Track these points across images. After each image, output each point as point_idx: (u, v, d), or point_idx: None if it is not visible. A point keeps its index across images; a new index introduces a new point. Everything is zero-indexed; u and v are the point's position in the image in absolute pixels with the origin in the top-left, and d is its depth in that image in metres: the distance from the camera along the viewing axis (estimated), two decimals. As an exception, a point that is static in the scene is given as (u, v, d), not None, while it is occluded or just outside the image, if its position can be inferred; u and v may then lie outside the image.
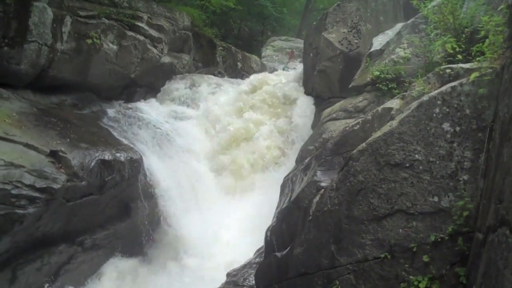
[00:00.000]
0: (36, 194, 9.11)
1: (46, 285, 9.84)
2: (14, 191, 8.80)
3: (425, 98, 5.96)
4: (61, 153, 10.11)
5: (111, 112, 14.57)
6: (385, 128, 6.17)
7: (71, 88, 13.90)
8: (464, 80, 5.81)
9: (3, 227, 8.67)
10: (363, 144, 6.28)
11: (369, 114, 8.62)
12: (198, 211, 13.37)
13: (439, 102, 5.78)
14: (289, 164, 13.50)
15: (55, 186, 9.48)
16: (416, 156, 5.77)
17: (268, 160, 15.14)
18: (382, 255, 5.73)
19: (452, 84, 5.88)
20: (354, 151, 6.37)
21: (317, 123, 13.04)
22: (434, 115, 5.78)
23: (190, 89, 17.75)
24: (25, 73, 11.98)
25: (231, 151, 15.61)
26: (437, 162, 5.68)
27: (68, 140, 10.83)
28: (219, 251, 12.04)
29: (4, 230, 8.70)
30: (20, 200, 8.86)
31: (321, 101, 14.72)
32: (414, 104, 6.01)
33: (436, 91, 5.97)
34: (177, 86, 17.78)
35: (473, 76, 5.68)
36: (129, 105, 15.74)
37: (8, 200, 8.71)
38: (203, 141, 15.99)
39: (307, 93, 16.00)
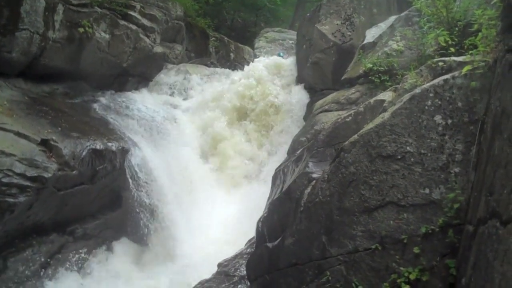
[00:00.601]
0: (27, 183, 9.06)
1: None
2: (4, 180, 8.74)
3: (417, 90, 5.98)
4: (52, 142, 10.06)
5: (102, 101, 14.50)
6: (377, 120, 6.19)
7: (63, 77, 13.80)
8: (456, 73, 5.83)
9: (-7, 216, 8.64)
10: (355, 136, 6.30)
11: (361, 106, 8.64)
12: (190, 200, 13.37)
13: (431, 95, 5.80)
14: (281, 155, 13.54)
15: (46, 175, 9.43)
16: (408, 148, 5.80)
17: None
18: (373, 247, 5.77)
19: (445, 77, 5.90)
20: (346, 142, 6.39)
21: (309, 115, 13.05)
22: (426, 107, 5.80)
23: (182, 79, 17.70)
24: (16, 61, 11.87)
25: (222, 142, 15.62)
26: (429, 155, 5.70)
27: (60, 129, 10.77)
28: (211, 240, 12.08)
29: (-6, 219, 8.67)
30: (10, 188, 8.80)
31: (313, 93, 14.73)
32: (407, 97, 6.03)
33: (428, 84, 5.99)
34: (169, 76, 17.72)
35: (465, 69, 5.70)
36: (121, 95, 15.66)
37: (-1, 189, 8.67)
38: (195, 132, 15.98)
39: (300, 83, 16.00)
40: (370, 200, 5.93)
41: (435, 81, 5.95)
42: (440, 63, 6.69)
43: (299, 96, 15.56)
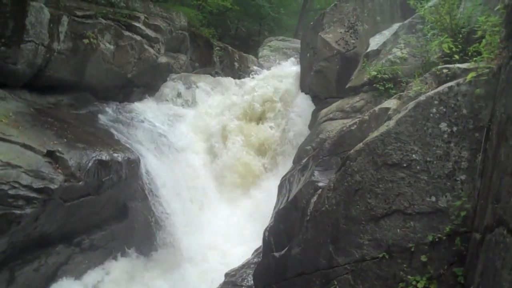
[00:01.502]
0: (33, 195, 9.08)
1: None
2: (11, 192, 8.76)
3: (422, 98, 5.98)
4: (58, 153, 10.08)
5: (108, 112, 14.55)
6: (382, 128, 6.18)
7: (68, 88, 13.86)
8: (461, 80, 5.82)
9: (0, 227, 8.64)
10: (360, 144, 6.29)
11: (366, 114, 8.63)
12: (195, 209, 13.38)
13: (436, 102, 5.79)
14: (287, 164, 13.53)
15: (52, 186, 9.45)
16: (413, 156, 5.79)
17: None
18: (380, 255, 5.75)
19: (449, 84, 5.90)
20: (352, 151, 6.39)
21: (314, 123, 13.05)
22: (431, 115, 5.79)
23: (187, 89, 17.73)
24: (22, 73, 11.95)
25: (229, 150, 15.64)
26: (434, 162, 5.69)
27: (65, 140, 10.80)
28: (218, 251, 12.07)
29: (1, 231, 8.66)
30: (17, 200, 8.82)
31: (318, 101, 14.73)
32: (411, 104, 6.03)
33: (433, 91, 5.98)
34: (174, 86, 17.75)
35: (470, 76, 5.69)
36: (126, 105, 15.71)
37: (5, 201, 8.67)
38: (200, 141, 16.00)
39: (304, 92, 15.99)
40: (377, 209, 5.91)
41: (440, 88, 5.95)
42: (445, 70, 6.69)
43: (303, 105, 15.57)
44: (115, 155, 11.37)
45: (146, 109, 15.92)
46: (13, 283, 9.20)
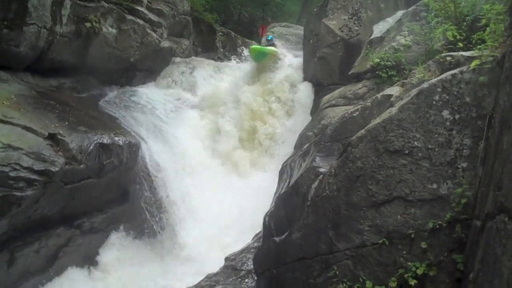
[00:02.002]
0: (34, 177, 9.09)
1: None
2: (12, 174, 8.77)
3: (425, 85, 5.96)
4: (59, 136, 10.09)
5: (110, 95, 14.59)
6: (385, 115, 6.17)
7: (70, 71, 13.85)
8: (464, 68, 5.80)
9: (1, 209, 8.66)
10: (362, 131, 6.28)
11: (368, 101, 8.61)
12: (197, 193, 13.41)
13: (439, 90, 5.77)
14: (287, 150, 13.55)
15: (53, 169, 9.46)
16: (415, 143, 5.78)
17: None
18: (380, 241, 5.76)
19: (453, 71, 5.88)
20: (353, 137, 6.38)
21: (316, 110, 13.04)
22: (434, 102, 5.77)
23: (189, 74, 17.70)
24: (24, 56, 11.90)
25: (229, 135, 15.65)
26: (436, 150, 5.68)
27: (67, 123, 10.80)
28: (217, 235, 12.12)
29: (2, 212, 8.69)
30: (18, 182, 8.83)
31: (320, 88, 14.71)
32: (414, 91, 6.01)
33: (436, 79, 5.96)
34: (176, 71, 17.72)
35: (473, 64, 5.67)
36: (128, 89, 15.75)
37: (6, 183, 8.68)
38: (202, 125, 16.00)
39: (307, 79, 15.97)
40: (378, 195, 5.91)
41: (443, 76, 5.93)
42: (448, 58, 6.66)
43: (305, 92, 15.55)
44: (116, 138, 11.39)
45: (148, 93, 15.93)
46: (14, 264, 9.25)
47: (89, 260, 10.96)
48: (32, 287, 9.60)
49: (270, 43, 18.50)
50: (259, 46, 18.45)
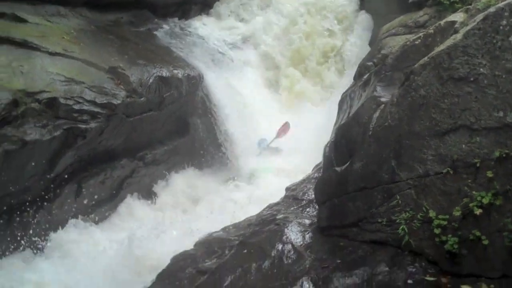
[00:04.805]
0: (97, 110, 9.30)
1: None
2: (76, 107, 8.98)
3: (491, 10, 5.64)
4: (120, 70, 10.21)
5: (167, 29, 14.55)
6: (449, 42, 5.91)
7: (127, 6, 13.89)
8: (535, -10, 5.45)
9: (67, 141, 8.93)
10: (425, 58, 6.05)
11: (431, 28, 8.29)
12: (255, 125, 13.47)
13: (506, 14, 5.45)
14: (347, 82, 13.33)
15: (115, 101, 9.64)
16: (481, 70, 5.52)
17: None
18: (444, 171, 5.62)
19: (522, -6, 5.53)
20: (416, 65, 6.16)
21: (375, 40, 12.73)
22: (501, 27, 5.46)
23: (244, 5, 17.39)
24: (82, -9, 11.99)
25: (287, 66, 15.49)
26: (503, 76, 5.42)
27: (126, 57, 10.92)
28: (277, 167, 12.20)
29: (68, 144, 8.97)
30: (82, 115, 9.06)
31: (379, 18, 14.30)
32: (480, 17, 5.70)
33: (503, 3, 5.62)
34: (232, 2, 17.45)
35: (545, -16, 5.32)
36: (185, 22, 15.67)
37: (71, 115, 8.92)
38: (258, 57, 15.87)
39: (365, 10, 15.55)
40: (441, 124, 5.74)
41: (512, -1, 5.60)
42: (517, -20, 6.27)
43: (364, 22, 15.19)
44: (175, 71, 11.45)
45: (205, 26, 15.83)
46: (81, 195, 9.60)
47: (151, 191, 11.27)
48: (99, 215, 9.99)
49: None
50: None
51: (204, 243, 7.56)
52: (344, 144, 7.36)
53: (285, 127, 12.72)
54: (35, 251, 8.70)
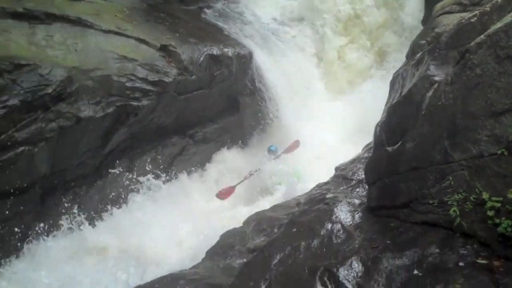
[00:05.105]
0: (149, 87, 9.44)
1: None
2: (128, 84, 9.13)
3: (552, -15, 5.45)
4: (171, 48, 10.29)
5: (216, 7, 14.54)
6: (506, 19, 5.72)
7: (177, -16, 13.93)
8: None
9: (119, 118, 9.11)
10: (482, 36, 5.88)
11: (487, 6, 8.04)
12: (304, 104, 13.39)
13: None
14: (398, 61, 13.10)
15: (167, 79, 9.75)
16: (540, 48, 5.36)
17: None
18: (499, 152, 5.48)
19: None
20: (472, 43, 5.99)
21: (428, 18, 12.45)
22: (563, 3, 5.29)
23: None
24: (131, -31, 12.06)
25: (338, 45, 15.31)
26: (563, 54, 5.25)
27: (177, 35, 10.98)
28: (326, 146, 12.14)
29: (121, 121, 9.15)
30: (134, 92, 9.21)
31: (432, -4, 13.97)
32: (540, -8, 5.52)
33: None
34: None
35: None
36: (235, 0, 15.61)
37: (123, 93, 9.07)
38: (309, 36, 15.70)
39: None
40: (497, 104, 5.58)
41: None
42: None
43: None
44: (226, 50, 11.46)
45: (254, 4, 15.71)
46: (133, 170, 9.80)
47: (202, 168, 11.40)
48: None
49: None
50: None
51: (252, 221, 7.62)
52: (395, 123, 7.26)
53: (295, 144, 12.35)
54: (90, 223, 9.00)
